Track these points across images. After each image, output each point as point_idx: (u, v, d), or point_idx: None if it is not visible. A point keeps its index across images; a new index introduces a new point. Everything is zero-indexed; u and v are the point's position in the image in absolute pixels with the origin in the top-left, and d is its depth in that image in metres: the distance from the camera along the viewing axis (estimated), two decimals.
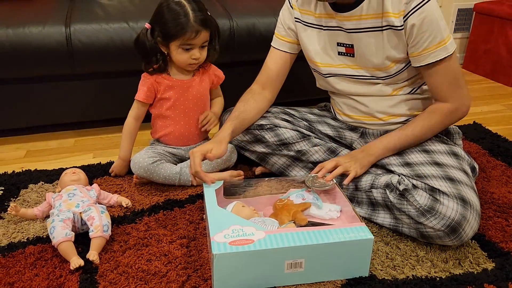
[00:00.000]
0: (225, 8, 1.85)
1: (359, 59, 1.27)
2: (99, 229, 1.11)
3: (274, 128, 1.39)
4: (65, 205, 1.16)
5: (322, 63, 1.33)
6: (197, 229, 1.21)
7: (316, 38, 1.32)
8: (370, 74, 1.28)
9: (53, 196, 1.22)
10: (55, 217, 1.13)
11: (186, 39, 1.30)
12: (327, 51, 1.32)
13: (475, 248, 1.13)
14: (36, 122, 1.78)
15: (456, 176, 1.13)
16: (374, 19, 1.19)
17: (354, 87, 1.32)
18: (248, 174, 1.51)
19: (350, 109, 1.37)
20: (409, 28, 1.14)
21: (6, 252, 1.11)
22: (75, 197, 1.20)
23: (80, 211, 1.15)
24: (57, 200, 1.19)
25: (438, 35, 1.14)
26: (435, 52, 1.16)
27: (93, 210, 1.15)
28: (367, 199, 1.23)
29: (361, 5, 1.19)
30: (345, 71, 1.31)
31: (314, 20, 1.31)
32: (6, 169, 1.54)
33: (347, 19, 1.23)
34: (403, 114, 1.32)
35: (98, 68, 1.70)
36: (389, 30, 1.18)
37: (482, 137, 1.76)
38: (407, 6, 1.13)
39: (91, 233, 1.11)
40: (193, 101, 1.45)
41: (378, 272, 1.05)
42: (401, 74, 1.25)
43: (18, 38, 1.57)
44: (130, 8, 1.81)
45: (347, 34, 1.25)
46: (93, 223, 1.12)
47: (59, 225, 1.10)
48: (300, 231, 1.00)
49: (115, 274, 1.04)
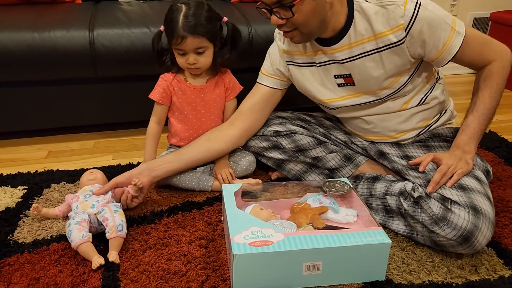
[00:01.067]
0: (244, 15, 1.88)
1: (360, 86, 1.26)
2: (113, 229, 1.13)
3: (290, 135, 1.40)
4: (81, 207, 1.19)
5: (325, 99, 1.33)
6: (215, 230, 1.23)
7: (312, 76, 1.32)
8: (374, 97, 1.27)
9: (71, 198, 1.26)
10: (71, 220, 1.16)
11: (175, 44, 1.32)
12: (326, 85, 1.31)
13: (491, 256, 1.14)
14: (58, 124, 1.83)
15: (468, 184, 1.13)
16: (365, 43, 1.19)
17: (361, 112, 1.33)
18: (264, 178, 1.53)
19: (359, 130, 1.38)
20: (418, 35, 1.14)
21: (31, 249, 1.15)
22: (91, 198, 1.23)
23: (95, 212, 1.18)
24: (74, 202, 1.22)
25: (447, 26, 1.15)
26: (453, 41, 1.16)
27: (106, 211, 1.18)
28: (381, 206, 1.24)
29: (348, 34, 1.19)
30: (349, 103, 1.30)
31: (306, 59, 1.31)
32: (29, 168, 1.58)
33: (337, 51, 1.23)
34: (415, 128, 1.32)
35: (120, 72, 1.74)
36: (387, 49, 1.18)
37: (498, 145, 1.77)
38: (404, 18, 1.12)
39: (107, 234, 1.13)
40: (206, 107, 1.46)
41: (395, 277, 1.06)
42: (405, 87, 1.25)
43: (44, 41, 1.61)
44: (150, 13, 1.85)
45: (341, 65, 1.25)
46: (107, 224, 1.15)
47: (75, 228, 1.12)
48: (319, 234, 1.02)
49: (136, 272, 1.07)
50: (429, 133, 1.35)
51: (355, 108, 1.32)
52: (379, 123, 1.32)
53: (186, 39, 1.29)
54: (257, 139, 1.41)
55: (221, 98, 1.48)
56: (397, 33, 1.14)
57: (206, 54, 1.35)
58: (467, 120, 1.24)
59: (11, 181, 1.49)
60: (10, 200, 1.37)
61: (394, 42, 1.16)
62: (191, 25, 1.29)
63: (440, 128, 1.35)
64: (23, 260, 1.11)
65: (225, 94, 1.49)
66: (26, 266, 1.09)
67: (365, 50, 1.20)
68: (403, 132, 1.33)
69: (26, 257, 1.12)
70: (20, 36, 1.60)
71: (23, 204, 1.35)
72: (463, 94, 2.48)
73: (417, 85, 1.27)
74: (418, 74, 1.26)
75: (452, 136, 1.31)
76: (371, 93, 1.27)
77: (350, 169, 1.37)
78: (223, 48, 1.41)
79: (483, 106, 1.22)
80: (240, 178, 1.48)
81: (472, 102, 1.25)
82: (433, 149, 1.30)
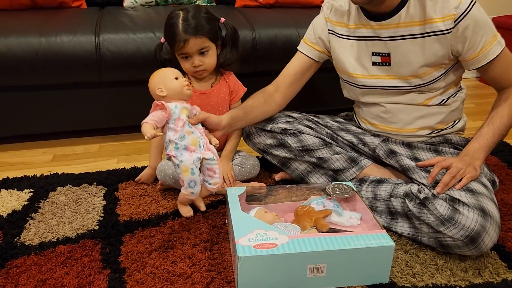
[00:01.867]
0: (248, 20, 1.90)
1: (395, 68, 1.29)
2: (217, 186, 1.17)
3: (297, 134, 1.41)
4: (190, 140, 1.14)
5: (357, 74, 1.36)
6: (220, 233, 1.24)
7: (349, 49, 1.35)
8: (404, 83, 1.30)
9: (173, 109, 1.14)
10: (188, 159, 1.12)
11: (178, 49, 1.34)
12: (361, 61, 1.34)
13: (494, 259, 1.14)
14: (63, 128, 1.85)
15: (475, 188, 1.15)
16: (413, 26, 1.22)
17: (385, 98, 1.35)
18: (268, 181, 1.54)
19: (376, 118, 1.40)
20: (462, 31, 1.17)
21: (38, 251, 1.16)
22: (195, 131, 1.16)
23: (204, 156, 1.14)
24: (178, 122, 1.13)
25: (490, 32, 1.19)
26: (492, 48, 1.20)
27: (216, 162, 1.16)
28: (386, 208, 1.25)
29: (399, 14, 1.22)
30: (379, 83, 1.33)
31: (347, 32, 1.34)
32: (34, 172, 1.60)
33: (384, 27, 1.25)
34: (429, 126, 1.34)
35: (125, 76, 1.76)
36: (432, 36, 1.21)
37: (501, 150, 1.77)
38: (457, 10, 1.16)
39: (208, 186, 1.17)
40: (212, 111, 1.46)
41: (398, 280, 1.07)
42: (435, 83, 1.27)
43: (50, 46, 1.64)
44: (156, 18, 1.87)
45: (384, 43, 1.28)
46: (213, 177, 1.16)
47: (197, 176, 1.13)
48: (323, 237, 1.03)
49: (142, 274, 1.08)
50: (441, 137, 1.37)
51: (381, 92, 1.34)
52: (398, 113, 1.34)
53: (188, 41, 1.31)
54: (264, 135, 1.43)
55: (226, 101, 1.50)
56: (447, 22, 1.17)
57: (209, 54, 1.37)
58: (482, 131, 1.26)
59: (17, 184, 1.51)
60: (17, 203, 1.39)
61: (441, 30, 1.19)
62: (191, 27, 1.31)
63: (452, 135, 1.38)
64: (30, 262, 1.12)
65: (230, 97, 1.50)
66: (33, 268, 1.10)
67: (411, 32, 1.23)
68: (417, 128, 1.34)
69: (33, 259, 1.13)
70: (27, 40, 1.62)
71: (30, 207, 1.37)
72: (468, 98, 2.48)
73: (445, 85, 1.30)
74: (449, 75, 1.28)
75: (462, 145, 1.33)
76: (402, 78, 1.29)
77: (355, 171, 1.37)
78: (224, 48, 1.43)
79: (500, 122, 1.25)
80: (244, 182, 1.49)
81: (490, 116, 1.28)
82: (443, 154, 1.32)
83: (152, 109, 1.16)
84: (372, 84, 1.34)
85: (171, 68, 1.23)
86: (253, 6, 2.21)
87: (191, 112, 1.20)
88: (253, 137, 1.45)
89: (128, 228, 1.26)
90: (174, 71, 1.20)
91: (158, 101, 1.15)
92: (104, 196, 1.43)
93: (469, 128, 1.47)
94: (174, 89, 1.17)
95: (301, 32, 1.77)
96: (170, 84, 1.17)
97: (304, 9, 2.13)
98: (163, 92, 1.17)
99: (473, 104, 2.40)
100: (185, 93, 1.18)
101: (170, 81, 1.17)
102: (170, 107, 1.14)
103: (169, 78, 1.18)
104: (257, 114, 1.41)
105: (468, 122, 1.47)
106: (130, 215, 1.33)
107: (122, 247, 1.18)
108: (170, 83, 1.17)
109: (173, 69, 1.21)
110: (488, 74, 1.26)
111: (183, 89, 1.17)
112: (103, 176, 1.55)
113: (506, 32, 2.53)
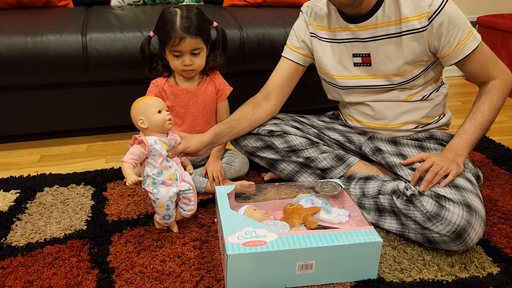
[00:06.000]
0: (235, 19, 1.90)
1: (376, 68, 1.32)
2: (191, 212, 1.22)
3: (283, 135, 1.42)
4: (167, 175, 1.16)
5: (338, 75, 1.38)
6: (209, 232, 1.24)
7: (331, 51, 1.37)
8: (386, 82, 1.32)
9: (153, 145, 1.14)
10: (164, 196, 1.15)
11: (172, 45, 1.34)
12: (343, 63, 1.36)
13: (480, 253, 1.16)
14: (50, 128, 1.83)
15: (461, 184, 1.16)
16: (390, 26, 1.25)
17: (369, 96, 1.37)
18: (257, 180, 1.54)
19: (362, 115, 1.41)
20: (437, 28, 1.20)
21: (25, 252, 1.15)
22: (173, 164, 1.18)
23: (180, 189, 1.18)
24: (158, 158, 1.14)
25: (465, 28, 1.22)
26: (468, 43, 1.23)
27: (191, 191, 1.20)
28: (374, 205, 1.26)
29: (376, 15, 1.25)
30: (360, 83, 1.35)
31: (328, 35, 1.36)
32: (21, 172, 1.58)
33: (362, 29, 1.28)
34: (414, 121, 1.36)
35: (113, 76, 1.75)
36: (409, 34, 1.24)
37: (486, 146, 1.80)
38: (431, 7, 1.19)
39: (183, 212, 1.22)
40: (199, 109, 1.48)
41: (386, 275, 1.08)
42: (416, 80, 1.30)
43: (36, 46, 1.62)
44: (143, 17, 1.87)
45: (363, 44, 1.30)
46: (189, 204, 1.20)
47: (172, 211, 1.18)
48: (311, 234, 1.04)
49: (131, 274, 1.07)
50: (426, 133, 1.39)
51: (364, 91, 1.36)
52: (383, 110, 1.36)
53: (184, 40, 1.32)
54: (250, 138, 1.43)
55: (213, 100, 1.50)
56: (422, 20, 1.21)
57: (201, 55, 1.39)
58: (464, 126, 1.28)
59: (3, 185, 1.49)
60: (3, 204, 1.37)
61: (417, 28, 1.22)
62: (189, 26, 1.32)
63: (437, 131, 1.40)
64: (17, 263, 1.11)
65: (217, 95, 1.51)
66: (20, 269, 1.08)
67: (388, 32, 1.26)
68: (403, 123, 1.36)
69: (19, 260, 1.12)
70: (12, 40, 1.60)
71: (16, 208, 1.35)
72: (453, 96, 2.52)
73: (424, 82, 1.32)
74: (429, 72, 1.31)
75: (447, 141, 1.36)
76: (384, 77, 1.32)
77: (342, 169, 1.38)
78: (212, 52, 1.44)
79: (481, 117, 1.26)
80: (233, 180, 1.49)
81: (472, 111, 1.29)
82: (428, 150, 1.34)
83: (132, 142, 1.16)
84: (354, 85, 1.36)
85: (155, 98, 1.22)
86: (241, 6, 2.21)
87: (170, 145, 1.20)
88: (240, 140, 1.45)
89: (116, 228, 1.25)
90: (158, 103, 1.19)
91: (138, 136, 1.16)
92: (92, 196, 1.42)
93: (454, 125, 1.49)
94: (156, 123, 1.17)
95: (289, 31, 1.77)
96: (152, 117, 1.16)
97: (291, 9, 2.14)
98: (144, 124, 1.17)
99: (459, 102, 2.44)
100: (166, 127, 1.18)
101: (153, 114, 1.16)
102: (150, 143, 1.14)
103: (152, 111, 1.17)
104: (245, 126, 1.40)
105: (454, 119, 1.49)
106: (119, 214, 1.32)
107: (111, 247, 1.17)
108: (153, 117, 1.16)
109: (157, 100, 1.21)
110: (466, 69, 1.29)
111: (165, 123, 1.17)
112: (91, 176, 1.55)
113: (491, 31, 2.57)
